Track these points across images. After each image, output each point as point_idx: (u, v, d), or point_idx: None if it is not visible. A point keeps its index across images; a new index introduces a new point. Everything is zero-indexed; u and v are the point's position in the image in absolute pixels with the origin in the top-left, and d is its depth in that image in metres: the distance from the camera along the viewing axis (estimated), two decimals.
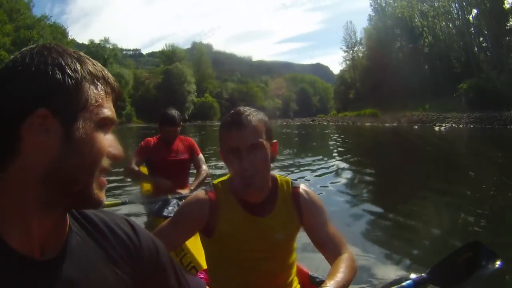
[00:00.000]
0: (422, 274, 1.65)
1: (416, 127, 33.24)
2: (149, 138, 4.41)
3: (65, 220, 0.78)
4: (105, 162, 0.74)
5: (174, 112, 4.22)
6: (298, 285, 1.81)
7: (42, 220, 0.71)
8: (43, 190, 0.69)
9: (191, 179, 4.57)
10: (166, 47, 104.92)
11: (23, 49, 0.74)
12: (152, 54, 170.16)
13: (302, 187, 1.76)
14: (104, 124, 0.75)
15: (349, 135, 28.75)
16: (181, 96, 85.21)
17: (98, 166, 0.72)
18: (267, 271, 1.64)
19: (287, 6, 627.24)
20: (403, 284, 1.55)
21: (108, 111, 0.76)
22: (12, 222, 0.69)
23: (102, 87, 0.76)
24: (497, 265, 1.60)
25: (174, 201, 3.74)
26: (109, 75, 0.79)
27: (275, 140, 1.65)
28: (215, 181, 1.74)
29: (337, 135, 28.32)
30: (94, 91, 0.74)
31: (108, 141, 0.75)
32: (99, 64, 0.78)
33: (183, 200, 3.68)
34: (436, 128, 29.99)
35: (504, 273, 3.09)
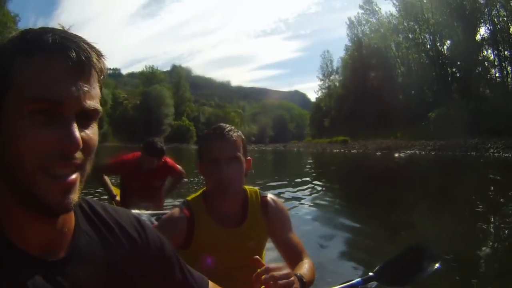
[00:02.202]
0: (370, 273, 1.83)
1: (379, 153, 34.30)
2: (127, 158, 4.24)
3: (70, 218, 0.74)
4: (53, 158, 0.61)
5: (160, 144, 4.07)
6: None
7: (35, 221, 0.66)
8: (7, 189, 0.65)
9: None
10: (146, 68, 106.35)
11: None
12: (132, 75, 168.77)
13: (270, 196, 1.87)
14: (40, 109, 0.60)
15: (311, 158, 30.59)
16: (158, 119, 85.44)
17: (33, 166, 0.61)
18: (240, 278, 1.65)
19: (267, 33, 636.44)
20: (353, 282, 1.73)
21: (40, 88, 0.60)
22: (12, 223, 0.65)
23: (41, 56, 0.61)
24: (437, 266, 1.78)
25: (145, 215, 3.51)
26: (61, 31, 0.64)
27: (249, 158, 1.77)
28: (189, 198, 1.81)
29: (300, 158, 30.84)
30: (27, 65, 0.60)
31: (42, 133, 0.60)
32: (52, 29, 0.65)
33: (155, 217, 3.56)
34: (396, 155, 30.87)
35: (444, 273, 3.33)
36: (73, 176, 0.65)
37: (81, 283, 0.71)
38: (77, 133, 0.62)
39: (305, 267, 1.62)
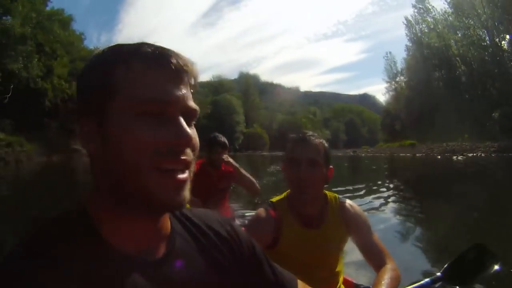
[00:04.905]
0: (437, 274, 1.84)
1: (439, 157, 33.39)
2: (196, 165, 4.64)
3: (167, 221, 0.77)
4: (167, 155, 0.65)
5: (222, 137, 4.15)
6: None
7: (136, 222, 0.69)
8: (111, 193, 0.68)
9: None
10: (213, 78, 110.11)
11: None
12: (200, 84, 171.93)
13: (348, 202, 1.92)
14: (148, 110, 0.64)
15: (376, 164, 30.17)
16: (229, 126, 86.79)
17: (147, 162, 0.64)
18: (319, 277, 1.71)
19: (328, 36, 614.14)
20: (422, 282, 1.77)
21: (148, 91, 0.64)
22: (110, 225, 0.68)
23: (141, 64, 0.65)
24: (497, 267, 1.78)
25: None
26: (156, 46, 0.68)
27: (331, 166, 1.82)
28: (274, 199, 1.89)
29: (363, 163, 31.09)
30: (128, 73, 0.65)
31: (154, 130, 0.64)
32: (146, 42, 0.69)
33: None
34: (454, 158, 29.97)
35: (503, 274, 3.23)
36: (185, 175, 0.68)
37: (178, 283, 0.74)
38: (188, 128, 0.67)
39: (385, 279, 1.65)
